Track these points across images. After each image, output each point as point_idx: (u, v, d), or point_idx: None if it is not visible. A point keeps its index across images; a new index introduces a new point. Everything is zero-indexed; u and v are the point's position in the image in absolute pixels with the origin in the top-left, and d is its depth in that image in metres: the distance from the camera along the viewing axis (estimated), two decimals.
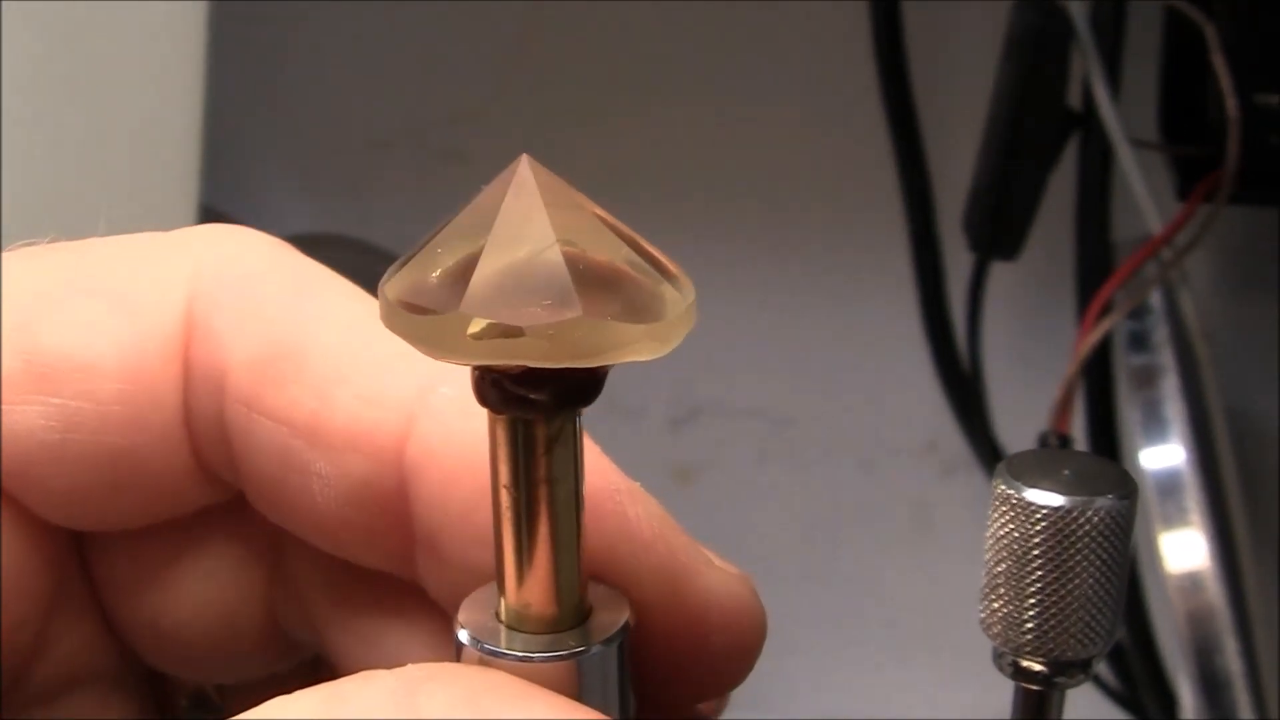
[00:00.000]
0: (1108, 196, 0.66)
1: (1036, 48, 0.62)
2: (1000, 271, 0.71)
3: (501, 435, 0.22)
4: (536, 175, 0.21)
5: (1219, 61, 0.58)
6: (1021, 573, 0.24)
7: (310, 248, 0.27)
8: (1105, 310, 0.63)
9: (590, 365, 0.21)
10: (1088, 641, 0.24)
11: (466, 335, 0.20)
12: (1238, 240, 0.75)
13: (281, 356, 0.25)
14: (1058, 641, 0.24)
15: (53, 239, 0.27)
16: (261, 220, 0.27)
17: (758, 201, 0.84)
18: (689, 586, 0.25)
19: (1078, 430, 0.66)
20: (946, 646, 0.82)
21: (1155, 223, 0.63)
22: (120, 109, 0.55)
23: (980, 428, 0.74)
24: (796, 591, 0.87)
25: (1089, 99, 0.64)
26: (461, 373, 0.22)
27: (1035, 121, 0.64)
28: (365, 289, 0.26)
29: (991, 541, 0.24)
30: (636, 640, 0.24)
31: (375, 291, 0.22)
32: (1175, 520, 0.60)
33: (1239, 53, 0.58)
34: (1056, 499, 0.23)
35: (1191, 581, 0.59)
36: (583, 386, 0.22)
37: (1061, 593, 0.24)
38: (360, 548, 0.26)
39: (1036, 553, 0.23)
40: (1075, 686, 0.25)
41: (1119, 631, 0.24)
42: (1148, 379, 0.63)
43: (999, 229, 0.66)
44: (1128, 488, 0.24)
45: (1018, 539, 0.24)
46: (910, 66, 0.71)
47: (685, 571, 0.25)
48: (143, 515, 0.26)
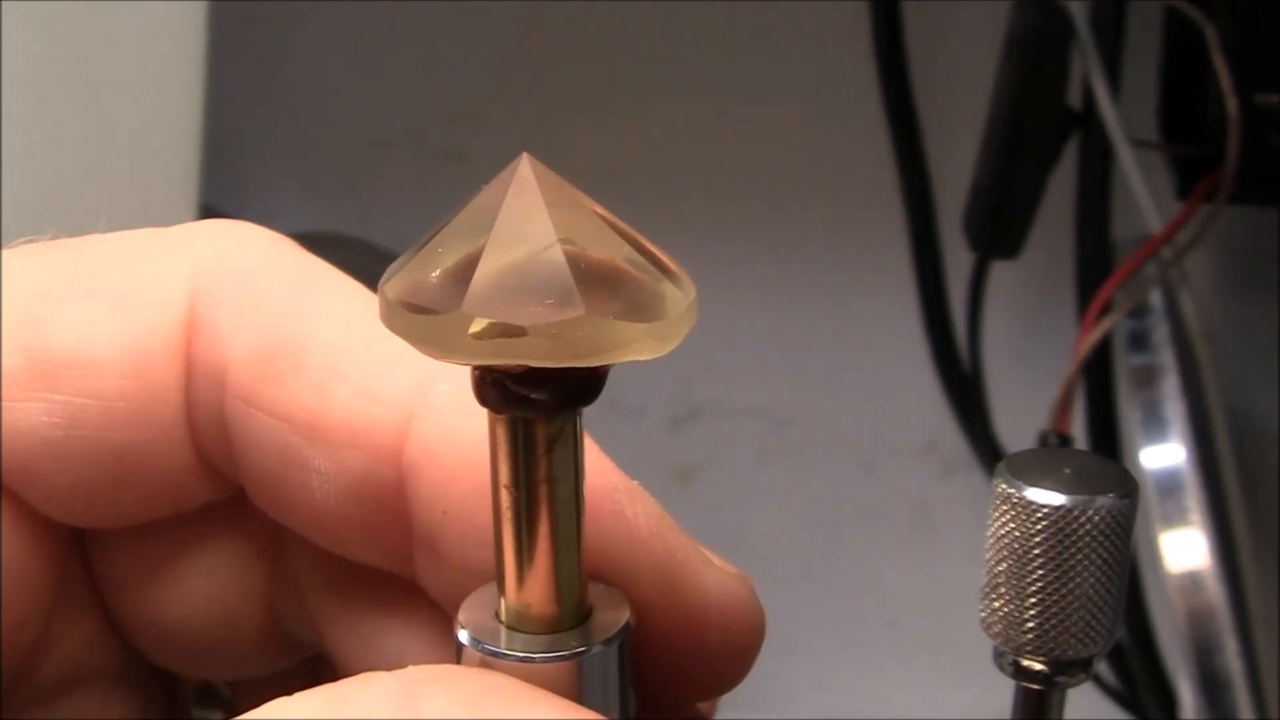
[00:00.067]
0: (1108, 196, 0.66)
1: (1036, 48, 0.62)
2: (1000, 271, 0.71)
3: (502, 435, 0.22)
4: (537, 174, 0.21)
5: (1219, 61, 0.58)
6: (1022, 572, 0.24)
7: (310, 247, 0.27)
8: (1105, 310, 0.63)
9: (591, 364, 0.21)
10: (1088, 641, 0.24)
11: (468, 335, 0.20)
12: (1238, 240, 0.75)
13: (281, 352, 0.25)
14: (1058, 641, 0.24)
15: (54, 236, 0.27)
16: (261, 220, 0.27)
17: (758, 201, 0.84)
18: (687, 585, 0.25)
19: (1078, 430, 0.66)
20: (946, 646, 0.82)
21: (1155, 222, 0.63)
22: (120, 109, 0.55)
23: (980, 427, 0.74)
24: (796, 591, 0.87)
25: (1089, 99, 0.64)
26: (461, 370, 0.22)
27: (1035, 121, 0.64)
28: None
29: (992, 541, 0.24)
30: (635, 639, 0.24)
31: (376, 290, 0.22)
32: (1175, 520, 0.60)
33: (1239, 53, 0.58)
34: (1057, 498, 0.23)
35: (1191, 581, 0.59)
36: (584, 386, 0.22)
37: (1062, 592, 0.24)
38: (359, 545, 0.26)
39: (1037, 552, 0.23)
40: (1076, 686, 0.25)
41: (1119, 631, 0.24)
42: (1148, 379, 0.63)
43: (999, 229, 0.66)
44: (1128, 487, 0.24)
45: (1018, 538, 0.24)
46: (910, 66, 0.71)
47: (683, 570, 0.25)
48: (145, 512, 0.26)
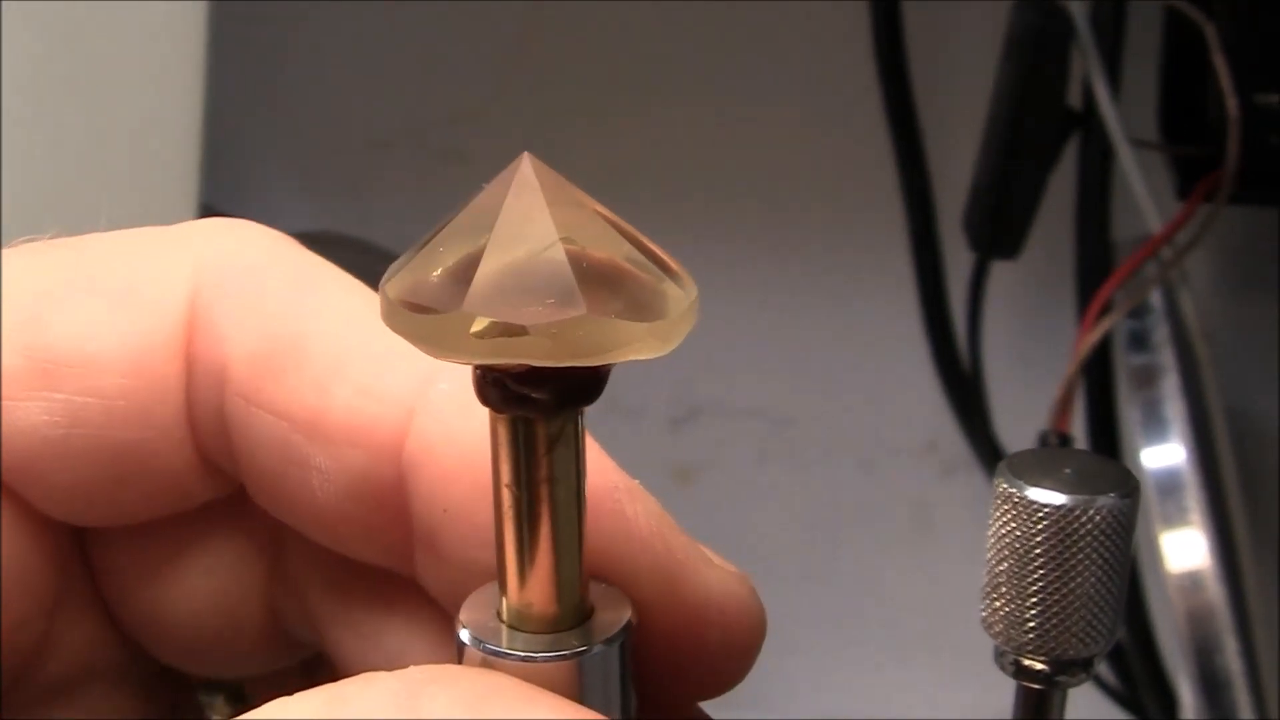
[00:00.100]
0: (1108, 196, 0.66)
1: (1036, 48, 0.62)
2: (1000, 271, 0.71)
3: (503, 434, 0.22)
4: (538, 173, 0.21)
5: (1219, 61, 0.58)
6: (1023, 571, 0.24)
7: (310, 247, 0.27)
8: (1105, 310, 0.63)
9: (593, 364, 0.21)
10: (1089, 640, 0.24)
11: (469, 334, 0.20)
12: (1238, 240, 0.75)
13: (282, 350, 0.25)
14: (1059, 640, 0.24)
15: (54, 235, 0.27)
16: (261, 220, 0.27)
17: (758, 201, 0.84)
18: (686, 584, 0.25)
19: (1078, 430, 0.66)
20: (946, 646, 0.82)
21: (1155, 222, 0.63)
22: (120, 109, 0.55)
23: (980, 427, 0.74)
24: (796, 591, 0.87)
25: (1089, 99, 0.64)
26: (461, 368, 0.22)
27: (1035, 121, 0.64)
28: None
29: (993, 540, 0.24)
30: (635, 639, 0.24)
31: (376, 289, 0.22)
32: (1175, 520, 0.60)
33: (1239, 53, 0.58)
34: (1059, 498, 0.23)
35: (1191, 581, 0.59)
36: (585, 385, 0.22)
37: (1063, 591, 0.24)
38: (359, 543, 0.26)
39: (1038, 551, 0.23)
40: (1077, 685, 0.25)
41: (1120, 630, 0.24)
42: (1148, 379, 0.63)
43: (999, 229, 0.66)
44: (1129, 486, 0.24)
45: (1020, 538, 0.24)
46: (910, 66, 0.71)
47: (682, 569, 0.25)
48: (145, 510, 0.26)
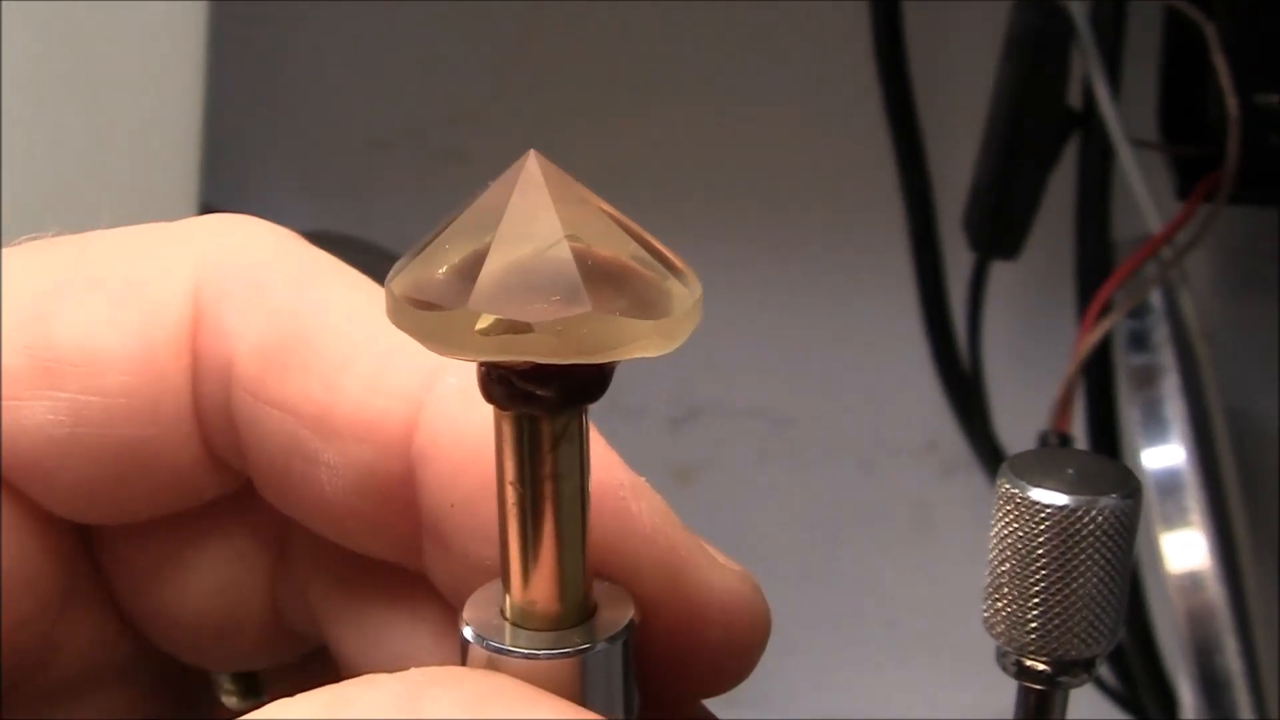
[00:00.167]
0: (1108, 196, 0.66)
1: (1036, 48, 0.62)
2: (1000, 271, 0.71)
3: (508, 431, 0.22)
4: (544, 171, 0.21)
5: (1219, 61, 0.58)
6: (1025, 572, 0.24)
7: None
8: (1105, 310, 0.63)
9: (597, 361, 0.21)
10: (1091, 641, 0.24)
11: (474, 331, 0.20)
12: (1238, 240, 0.75)
13: (288, 346, 0.25)
14: (1061, 641, 0.24)
15: (56, 233, 0.26)
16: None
17: (758, 201, 0.84)
18: (689, 582, 0.25)
19: (1078, 430, 0.66)
20: (946, 646, 0.82)
21: (1155, 222, 0.63)
22: (120, 109, 0.55)
23: (980, 428, 0.74)
24: (796, 591, 0.87)
25: (1089, 99, 0.64)
26: (467, 363, 0.22)
27: (1035, 121, 0.64)
28: None
29: (995, 541, 0.24)
30: (638, 636, 0.24)
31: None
32: (1175, 520, 0.60)
33: (1239, 53, 0.58)
34: (1061, 498, 0.23)
35: (1191, 581, 0.59)
36: (589, 383, 0.22)
37: (1065, 592, 0.24)
38: (367, 537, 0.26)
39: (1040, 552, 0.23)
40: (1078, 686, 0.25)
41: (1122, 631, 0.24)
42: (1148, 379, 0.63)
43: (999, 229, 0.66)
44: (1131, 487, 0.24)
45: (1022, 538, 0.24)
46: (910, 66, 0.71)
47: (686, 567, 0.25)
48: (152, 507, 0.26)
